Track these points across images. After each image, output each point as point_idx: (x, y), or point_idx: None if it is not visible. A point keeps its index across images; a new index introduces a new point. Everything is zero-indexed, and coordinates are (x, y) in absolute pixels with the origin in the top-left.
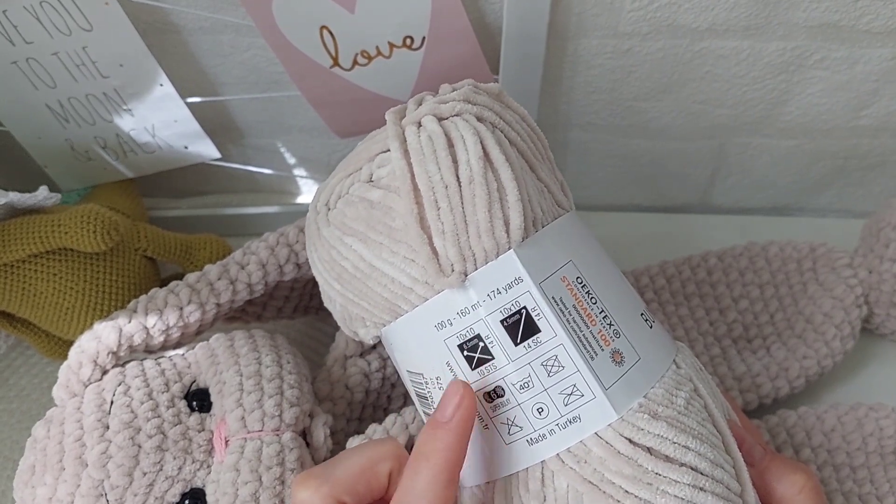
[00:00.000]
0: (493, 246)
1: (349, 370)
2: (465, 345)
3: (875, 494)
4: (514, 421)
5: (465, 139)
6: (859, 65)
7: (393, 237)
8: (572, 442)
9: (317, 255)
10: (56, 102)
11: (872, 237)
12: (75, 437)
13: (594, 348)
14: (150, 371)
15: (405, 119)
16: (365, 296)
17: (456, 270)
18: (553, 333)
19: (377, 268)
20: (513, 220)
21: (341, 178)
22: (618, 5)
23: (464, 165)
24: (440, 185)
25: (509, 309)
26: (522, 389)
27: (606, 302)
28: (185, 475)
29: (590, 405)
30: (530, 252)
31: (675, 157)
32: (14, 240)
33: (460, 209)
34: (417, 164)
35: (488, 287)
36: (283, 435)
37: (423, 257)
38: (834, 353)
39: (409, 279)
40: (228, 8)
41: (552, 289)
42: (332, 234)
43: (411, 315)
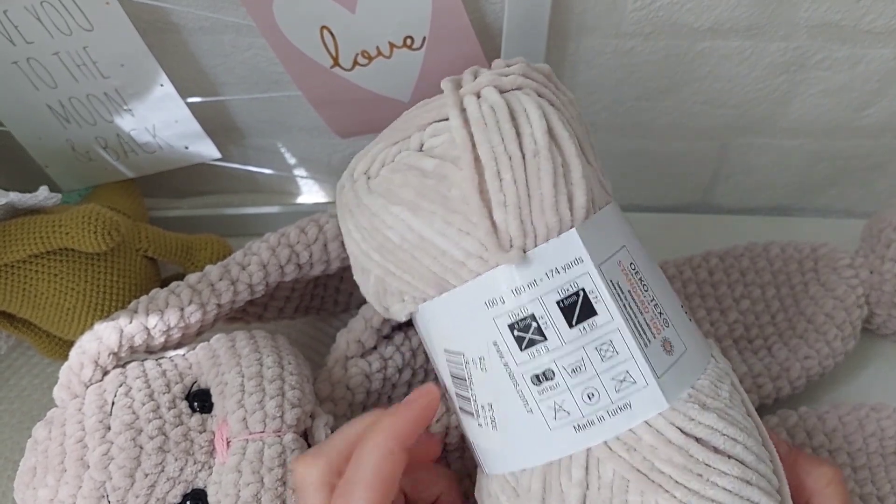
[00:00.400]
0: (556, 222)
1: (350, 371)
2: (516, 325)
3: (876, 495)
4: (562, 405)
5: (529, 112)
6: (861, 65)
7: (447, 207)
8: (622, 429)
9: (353, 223)
10: (57, 102)
11: (874, 238)
12: (77, 439)
13: (647, 335)
14: (151, 372)
15: (463, 89)
16: (409, 268)
17: (515, 246)
18: (610, 318)
19: (427, 239)
20: (577, 198)
21: (385, 147)
22: (619, 5)
23: (528, 138)
24: (503, 155)
25: (567, 289)
26: (574, 374)
27: (655, 290)
28: (187, 476)
29: (642, 393)
30: (591, 232)
31: (677, 157)
32: (15, 240)
33: (524, 182)
34: (479, 134)
35: (547, 265)
36: (284, 436)
37: (481, 230)
38: (835, 353)
39: (463, 252)
40: (229, 8)
41: (610, 272)
42: (376, 203)
43: (459, 290)
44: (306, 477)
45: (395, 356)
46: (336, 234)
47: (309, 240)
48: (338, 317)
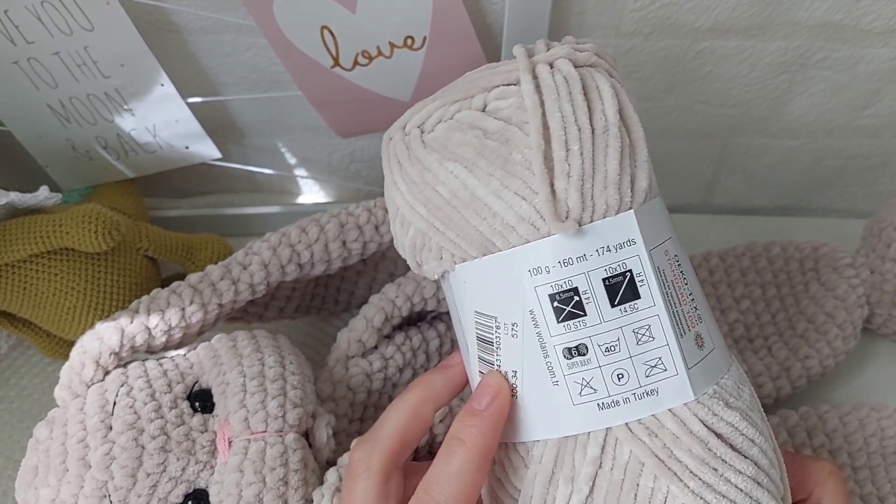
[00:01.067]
0: (616, 201)
1: (351, 370)
2: (557, 296)
3: (877, 495)
4: (590, 382)
5: (601, 89)
6: (861, 64)
7: (507, 170)
8: (645, 414)
9: (401, 175)
10: (57, 102)
11: (874, 237)
12: (78, 438)
13: (683, 326)
14: (152, 372)
15: (536, 57)
16: (455, 226)
17: (571, 217)
18: (652, 303)
19: (480, 198)
20: (639, 179)
21: (444, 104)
22: (620, 5)
23: (599, 113)
24: (573, 126)
25: (615, 269)
26: (608, 352)
27: (692, 284)
28: (189, 476)
29: (671, 381)
30: (646, 217)
31: (677, 156)
32: (15, 240)
33: (590, 156)
34: (551, 102)
35: (600, 242)
36: (286, 436)
37: (541, 197)
38: (836, 352)
39: (515, 217)
40: (229, 8)
41: (658, 259)
42: (429, 157)
43: (504, 254)
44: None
45: (395, 356)
46: (337, 234)
47: (310, 239)
48: (338, 317)
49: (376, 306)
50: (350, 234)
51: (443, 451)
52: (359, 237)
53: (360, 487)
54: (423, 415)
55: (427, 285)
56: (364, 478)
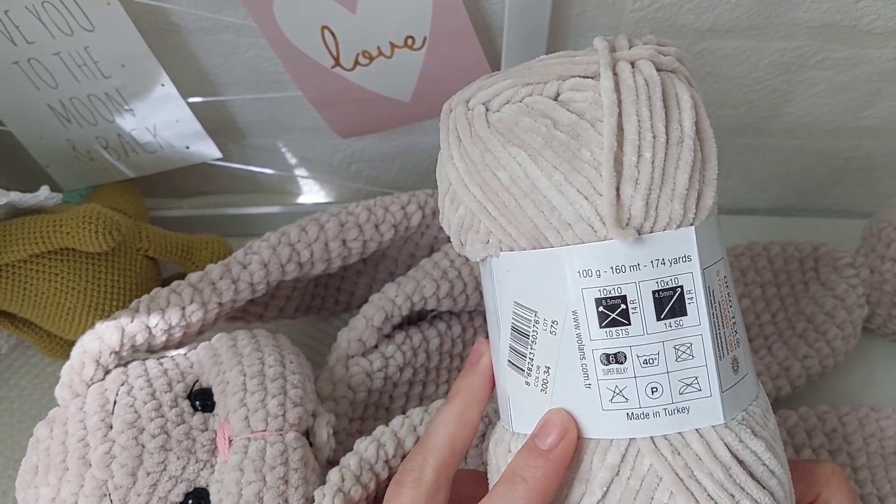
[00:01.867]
0: (680, 215)
1: (351, 370)
2: (604, 301)
3: (877, 495)
4: (623, 391)
5: (681, 98)
6: (861, 65)
7: (573, 165)
8: (672, 430)
9: (459, 152)
10: (58, 102)
11: (874, 237)
12: (78, 437)
13: (724, 349)
14: (152, 371)
15: (618, 53)
16: (509, 213)
17: (632, 225)
18: (698, 321)
19: (540, 190)
20: (706, 196)
21: (514, 85)
22: (619, 6)
23: (676, 123)
24: (648, 132)
25: (666, 283)
26: (645, 364)
27: (736, 308)
28: (189, 475)
29: (703, 401)
30: (705, 234)
31: None
32: (15, 240)
33: (662, 165)
34: (629, 104)
35: (656, 254)
36: (286, 435)
37: (606, 199)
38: (835, 352)
39: (574, 215)
40: (229, 8)
41: (710, 278)
42: (493, 138)
43: (556, 251)
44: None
45: (396, 355)
46: (337, 233)
47: (310, 239)
48: (339, 316)
49: (376, 305)
50: (350, 233)
51: (502, 486)
52: (358, 236)
53: (406, 495)
54: (469, 420)
55: (427, 284)
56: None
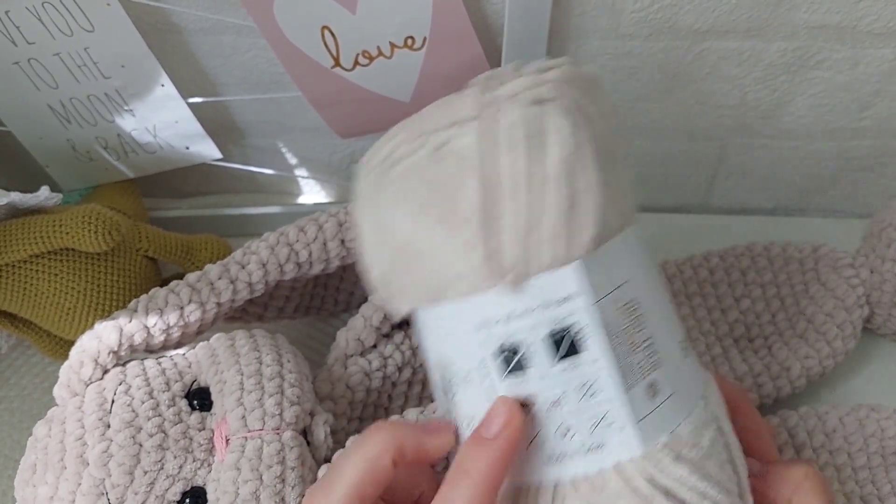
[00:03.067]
0: (558, 255)
1: (350, 369)
2: (503, 349)
3: (877, 495)
4: (536, 436)
5: (551, 133)
6: (861, 66)
7: (452, 222)
8: (591, 468)
9: (366, 214)
10: (58, 103)
11: (874, 237)
12: (76, 436)
13: (633, 378)
14: (150, 370)
15: (489, 95)
16: (409, 273)
17: (514, 272)
18: (597, 357)
19: (430, 248)
20: (585, 231)
21: (409, 138)
22: (619, 7)
23: (548, 160)
24: (519, 176)
25: (558, 323)
26: (553, 407)
27: (652, 329)
28: (186, 474)
29: (617, 435)
30: (593, 267)
31: (677, 157)
32: (15, 240)
33: (534, 208)
34: (498, 149)
35: (542, 297)
36: (283, 433)
37: (482, 251)
38: (835, 353)
39: (461, 269)
40: (229, 9)
41: (606, 310)
42: (387, 199)
43: (452, 306)
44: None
45: (394, 354)
46: (335, 233)
47: (308, 239)
48: (338, 316)
49: (375, 305)
50: (348, 233)
51: (447, 483)
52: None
53: None
54: (381, 466)
55: None
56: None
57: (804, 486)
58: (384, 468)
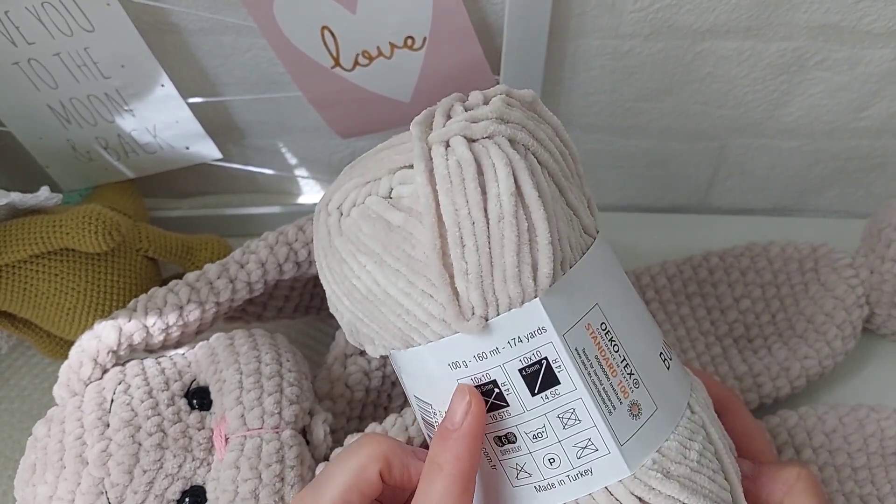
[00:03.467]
0: (518, 293)
1: (349, 368)
2: (479, 388)
3: (877, 495)
4: (524, 467)
5: (497, 169)
6: (860, 66)
7: (412, 267)
8: (581, 494)
9: (326, 263)
10: (58, 103)
11: (874, 237)
12: (76, 436)
13: (613, 402)
14: (150, 370)
15: (432, 136)
16: (376, 319)
17: (476, 314)
18: (573, 387)
19: (391, 296)
20: (541, 266)
21: (357, 185)
22: (619, 6)
23: (493, 200)
24: (467, 220)
25: (529, 358)
26: (535, 439)
27: (628, 348)
28: (186, 473)
29: (603, 460)
30: (556, 299)
31: (676, 157)
32: (15, 240)
33: (486, 249)
34: (444, 194)
35: (509, 335)
36: (282, 432)
37: (442, 297)
38: (835, 353)
39: (426, 314)
40: (229, 9)
41: (575, 339)
42: (345, 247)
43: (424, 349)
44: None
45: None
46: None
47: (307, 238)
48: None
49: None
50: None
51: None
52: None
53: None
54: (367, 476)
55: None
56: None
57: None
58: (371, 480)
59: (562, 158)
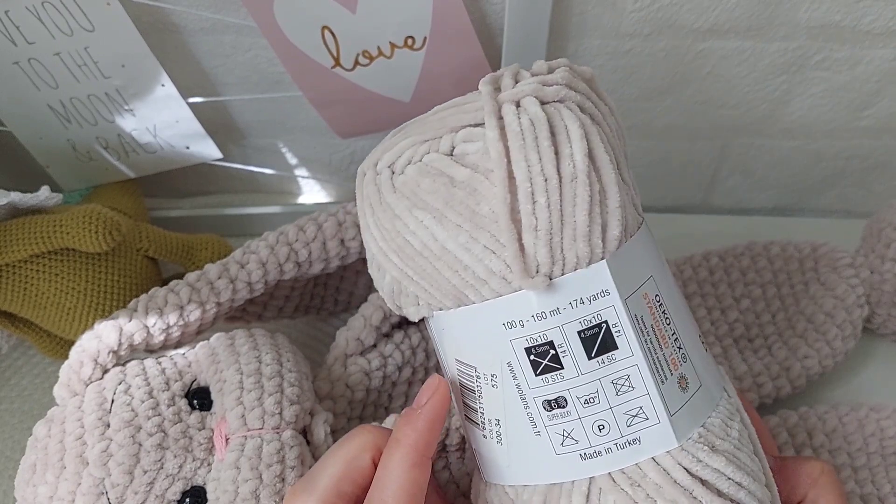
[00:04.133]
0: (587, 253)
1: (350, 369)
2: (533, 349)
3: (877, 495)
4: (571, 433)
5: (570, 131)
6: (861, 65)
7: (475, 222)
8: (628, 463)
9: (374, 220)
10: (58, 103)
11: (874, 237)
12: (76, 436)
13: (665, 372)
14: (150, 370)
15: (503, 95)
16: (428, 277)
17: (542, 272)
18: (630, 353)
19: (450, 251)
20: (611, 228)
21: (414, 143)
22: (619, 6)
23: (567, 160)
24: (539, 177)
25: (590, 321)
26: (587, 404)
27: (678, 323)
28: (186, 473)
29: (653, 429)
30: (620, 264)
31: (677, 157)
32: (16, 240)
33: (558, 207)
34: (516, 150)
35: (572, 295)
36: (283, 432)
37: (509, 252)
38: (835, 352)
39: (486, 271)
40: (230, 8)
41: (635, 305)
42: (399, 204)
43: (478, 307)
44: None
45: (394, 354)
46: (334, 232)
47: (307, 238)
48: (338, 317)
49: (375, 304)
50: (348, 233)
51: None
52: (357, 235)
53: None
54: (359, 465)
55: None
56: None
57: (821, 481)
58: (363, 468)
59: (617, 136)
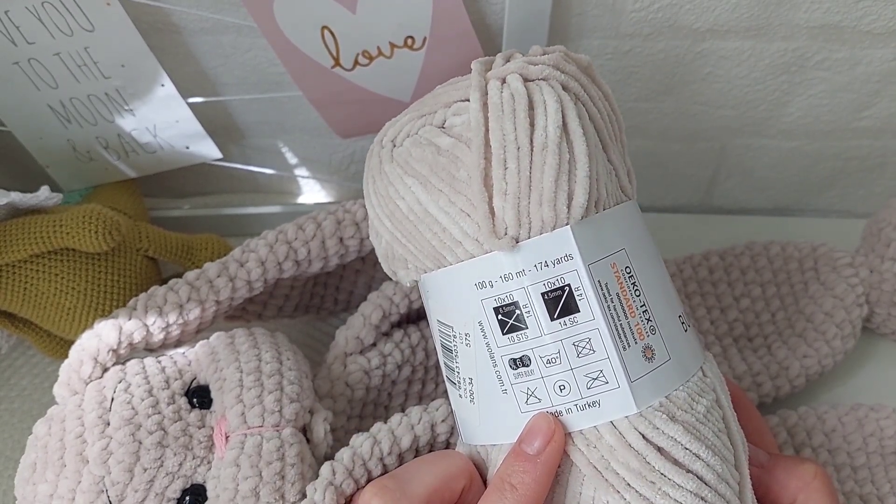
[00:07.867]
0: (551, 217)
1: (349, 367)
2: (500, 309)
3: (876, 495)
4: (534, 392)
5: (547, 104)
6: (860, 66)
7: (454, 187)
8: (587, 425)
9: (373, 188)
10: (58, 103)
11: (873, 237)
12: (76, 434)
13: (628, 339)
14: (150, 368)
15: (490, 73)
16: (413, 239)
17: (509, 234)
18: (591, 316)
19: (431, 214)
20: (577, 196)
21: (413, 118)
22: (619, 6)
23: (540, 130)
24: (512, 144)
25: (553, 283)
26: (549, 364)
27: (650, 297)
28: (186, 471)
29: (612, 393)
30: (586, 231)
31: (676, 157)
32: (15, 240)
33: (527, 173)
34: (494, 120)
35: (537, 258)
36: (283, 430)
37: (479, 214)
38: (835, 352)
39: (461, 232)
40: (230, 9)
41: (599, 272)
42: (394, 172)
43: (454, 268)
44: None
45: (394, 353)
46: (333, 230)
47: (307, 236)
48: (338, 316)
49: (374, 303)
50: (347, 231)
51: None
52: (356, 234)
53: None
54: (453, 487)
55: None
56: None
57: (813, 484)
58: (454, 490)
59: (608, 120)
